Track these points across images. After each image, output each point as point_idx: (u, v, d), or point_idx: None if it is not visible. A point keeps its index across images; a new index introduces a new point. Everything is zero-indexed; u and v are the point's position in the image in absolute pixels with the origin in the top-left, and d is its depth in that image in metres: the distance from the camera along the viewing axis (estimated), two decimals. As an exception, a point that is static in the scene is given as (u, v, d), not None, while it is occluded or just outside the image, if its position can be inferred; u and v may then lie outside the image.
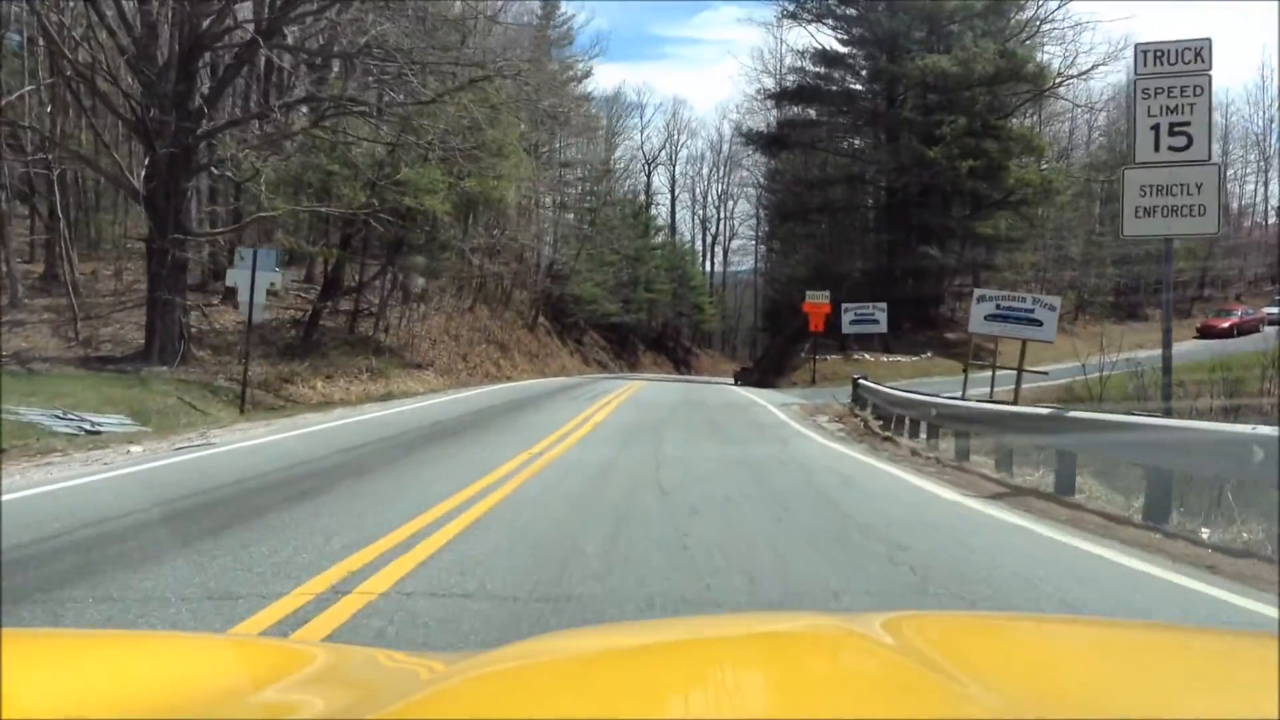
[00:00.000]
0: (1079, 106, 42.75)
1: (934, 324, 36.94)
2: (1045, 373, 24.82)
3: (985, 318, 22.52)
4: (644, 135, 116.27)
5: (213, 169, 20.75)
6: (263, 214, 22.42)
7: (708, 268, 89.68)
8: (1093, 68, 39.49)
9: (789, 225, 39.26)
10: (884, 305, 32.65)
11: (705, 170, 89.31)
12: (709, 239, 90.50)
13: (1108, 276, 40.65)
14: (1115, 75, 48.77)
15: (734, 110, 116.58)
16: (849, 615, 2.43)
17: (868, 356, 32.06)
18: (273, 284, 16.41)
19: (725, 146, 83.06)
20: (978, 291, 22.74)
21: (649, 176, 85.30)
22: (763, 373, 39.90)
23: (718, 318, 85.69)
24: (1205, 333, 35.63)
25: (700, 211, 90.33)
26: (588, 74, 59.71)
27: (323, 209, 23.11)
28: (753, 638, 1.60)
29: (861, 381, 18.61)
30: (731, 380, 47.81)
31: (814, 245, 39.03)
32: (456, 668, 1.29)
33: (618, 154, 75.63)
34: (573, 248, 56.05)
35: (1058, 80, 36.66)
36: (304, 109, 22.29)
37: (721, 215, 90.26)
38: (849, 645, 1.41)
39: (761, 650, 1.45)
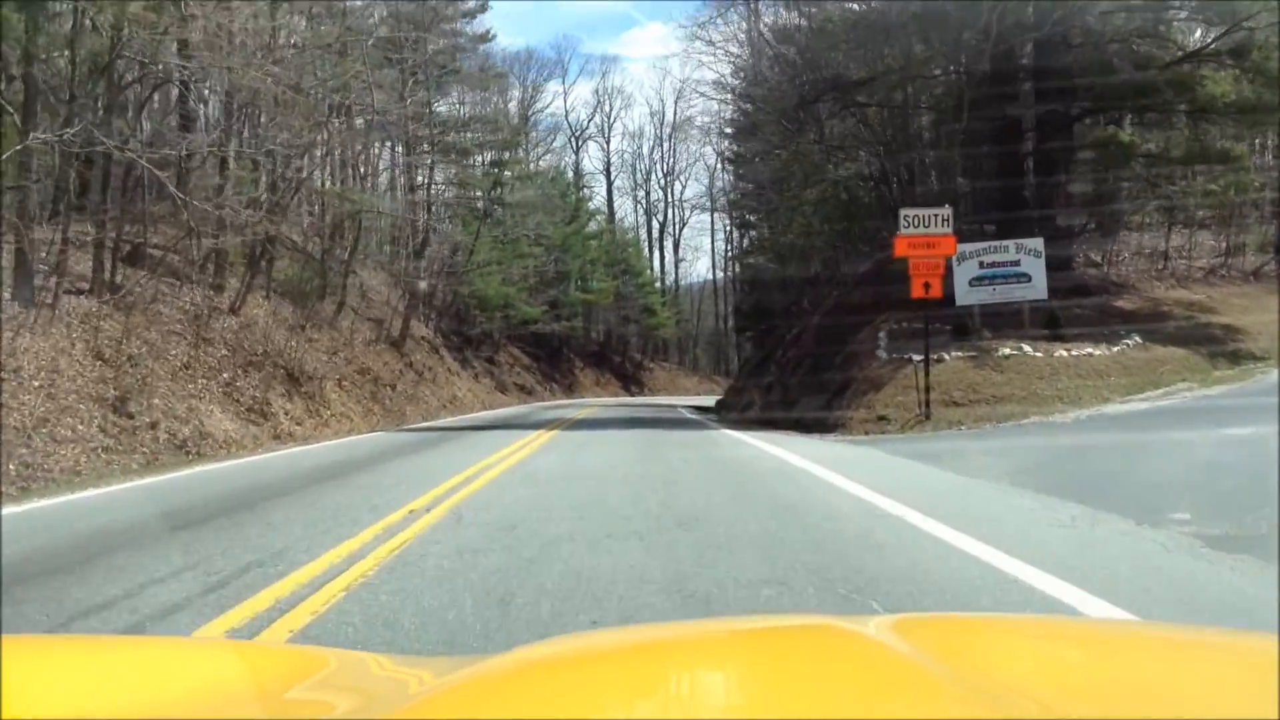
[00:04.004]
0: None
1: (1087, 287, 20.23)
2: None
3: None
4: (568, 103, 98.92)
5: None
6: None
7: (656, 264, 73.59)
8: None
9: (821, 109, 21.92)
10: (1038, 243, 15.91)
11: (646, 147, 73.20)
12: (656, 229, 74.39)
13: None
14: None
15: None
16: (849, 616, 2.10)
17: (1028, 349, 15.11)
18: None
19: (668, 112, 66.98)
20: None
21: (577, 154, 68.91)
22: (770, 399, 22.62)
23: (673, 322, 69.17)
24: None
25: (644, 198, 74.21)
26: (483, 8, 43.11)
27: None
28: (749, 637, 1.55)
29: None
30: (712, 406, 30.83)
31: (861, 156, 21.70)
32: (452, 675, 1.29)
33: (537, 122, 59.04)
34: (470, 230, 38.90)
35: None
36: None
37: (669, 199, 74.42)
38: (847, 645, 1.36)
39: (758, 650, 1.41)
